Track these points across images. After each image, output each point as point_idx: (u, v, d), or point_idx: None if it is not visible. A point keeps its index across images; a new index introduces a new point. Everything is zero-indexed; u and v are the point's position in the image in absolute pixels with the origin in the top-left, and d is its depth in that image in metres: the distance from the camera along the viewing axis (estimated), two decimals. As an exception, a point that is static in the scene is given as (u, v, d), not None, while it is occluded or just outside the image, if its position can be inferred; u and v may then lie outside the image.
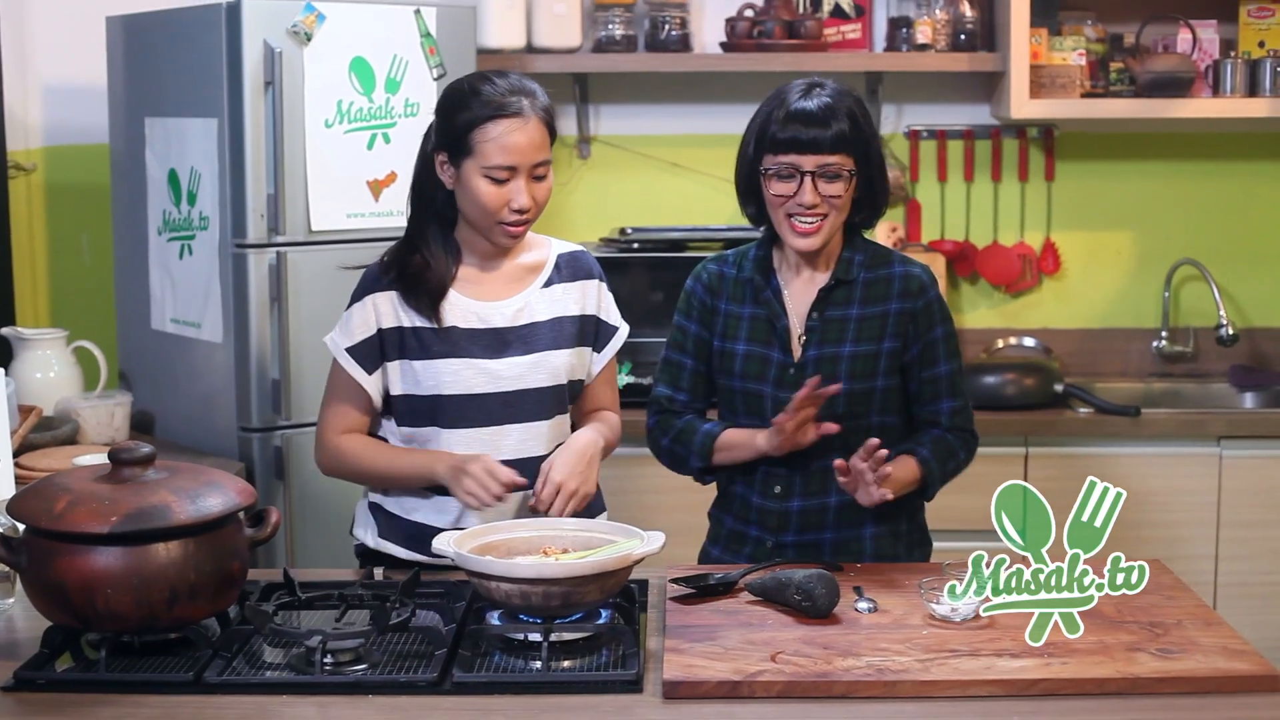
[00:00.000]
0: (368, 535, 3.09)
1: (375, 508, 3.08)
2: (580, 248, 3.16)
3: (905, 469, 3.00)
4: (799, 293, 3.08)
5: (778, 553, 3.06)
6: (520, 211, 2.92)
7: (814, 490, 3.05)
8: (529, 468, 2.95)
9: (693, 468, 3.14)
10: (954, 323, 3.13)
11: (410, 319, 2.98)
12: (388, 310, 2.98)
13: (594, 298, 3.11)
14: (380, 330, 2.98)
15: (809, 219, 2.96)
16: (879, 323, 3.03)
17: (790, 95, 2.98)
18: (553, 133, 2.97)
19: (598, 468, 3.02)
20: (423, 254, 3.00)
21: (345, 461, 3.03)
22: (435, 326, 2.97)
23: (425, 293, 2.97)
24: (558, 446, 3.01)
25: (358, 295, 3.02)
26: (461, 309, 2.99)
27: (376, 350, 2.98)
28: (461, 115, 2.92)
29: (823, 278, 3.06)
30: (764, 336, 3.08)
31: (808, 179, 2.94)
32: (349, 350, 2.99)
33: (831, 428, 2.94)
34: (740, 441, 3.06)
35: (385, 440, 3.05)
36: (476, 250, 3.02)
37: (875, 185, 3.03)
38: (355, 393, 3.00)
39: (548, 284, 3.06)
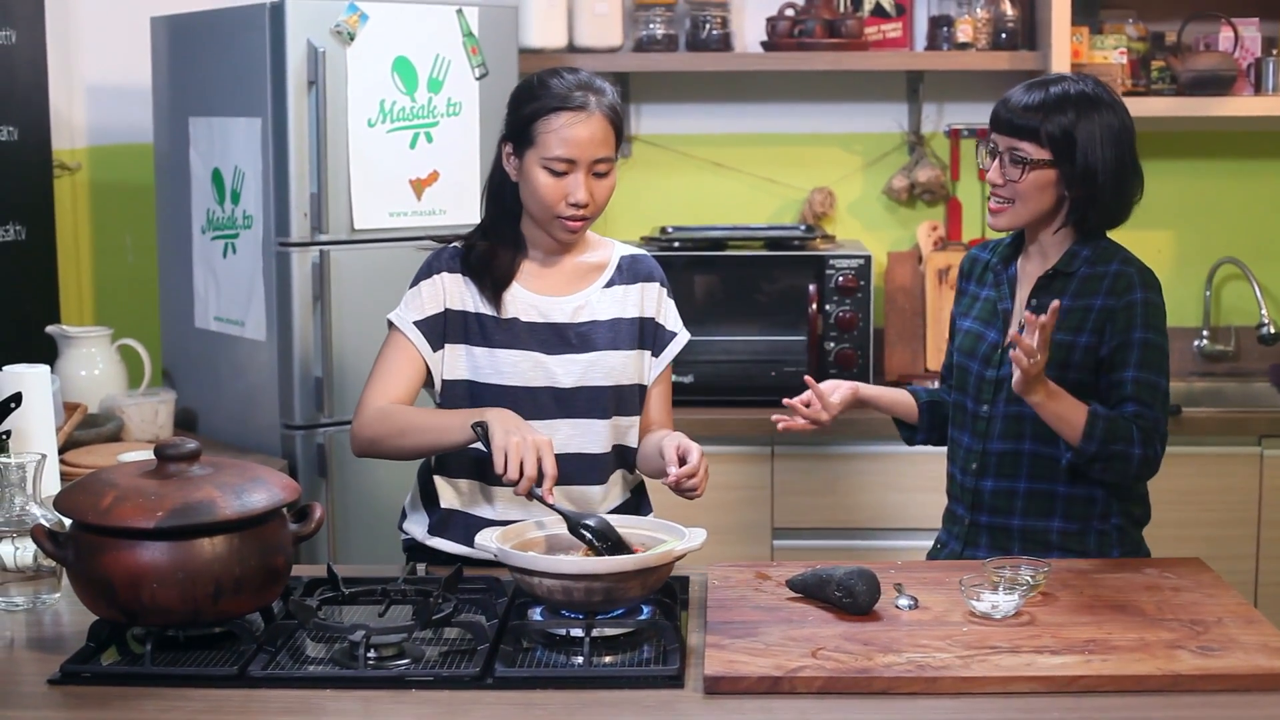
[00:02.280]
0: (418, 529, 3.07)
1: (429, 502, 3.07)
2: (644, 251, 3.15)
3: (1071, 400, 2.89)
4: (1030, 280, 3.10)
5: (975, 532, 3.10)
6: (578, 206, 2.91)
7: (1006, 472, 3.06)
8: (581, 464, 2.97)
9: (903, 435, 3.37)
10: (1164, 334, 3.00)
11: (475, 304, 2.98)
12: (455, 291, 2.99)
13: (654, 301, 3.09)
14: (447, 310, 2.98)
15: (997, 198, 3.04)
16: (1081, 316, 2.98)
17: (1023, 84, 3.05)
18: (619, 133, 2.96)
19: None
20: (491, 241, 3.01)
21: (388, 419, 2.91)
22: (498, 315, 2.97)
23: (489, 278, 2.98)
24: (615, 446, 3.03)
25: (425, 273, 3.01)
26: (524, 302, 2.99)
27: (441, 329, 2.98)
28: (527, 106, 2.93)
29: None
30: (987, 316, 3.14)
31: (997, 159, 3.02)
32: (416, 324, 2.97)
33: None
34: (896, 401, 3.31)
35: None
36: (540, 245, 3.03)
37: (1094, 190, 2.97)
38: (408, 368, 2.97)
39: (609, 284, 3.06)
